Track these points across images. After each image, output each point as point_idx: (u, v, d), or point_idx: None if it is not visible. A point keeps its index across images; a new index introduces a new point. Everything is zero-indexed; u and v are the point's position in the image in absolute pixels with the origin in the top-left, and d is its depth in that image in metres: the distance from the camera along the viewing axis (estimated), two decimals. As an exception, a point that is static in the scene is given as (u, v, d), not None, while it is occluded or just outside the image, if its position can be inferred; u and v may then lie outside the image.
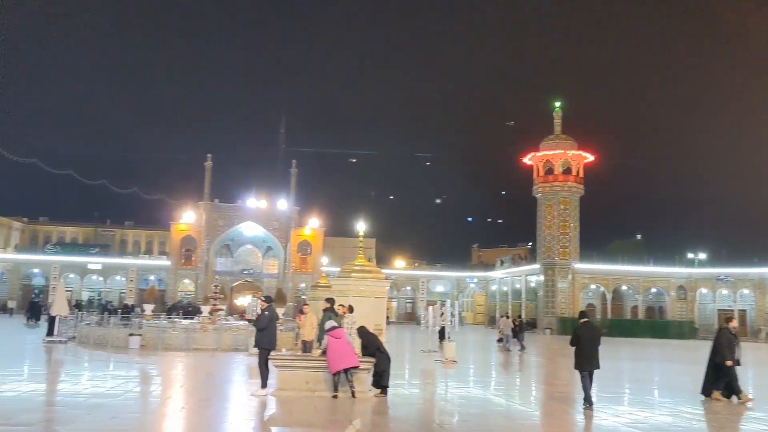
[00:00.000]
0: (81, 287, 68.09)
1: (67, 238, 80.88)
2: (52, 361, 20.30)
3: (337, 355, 13.04)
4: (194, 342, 24.46)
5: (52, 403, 12.45)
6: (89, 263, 69.09)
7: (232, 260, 72.24)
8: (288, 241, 70.71)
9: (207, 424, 10.54)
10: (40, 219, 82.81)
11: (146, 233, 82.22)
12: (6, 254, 71.01)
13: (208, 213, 69.59)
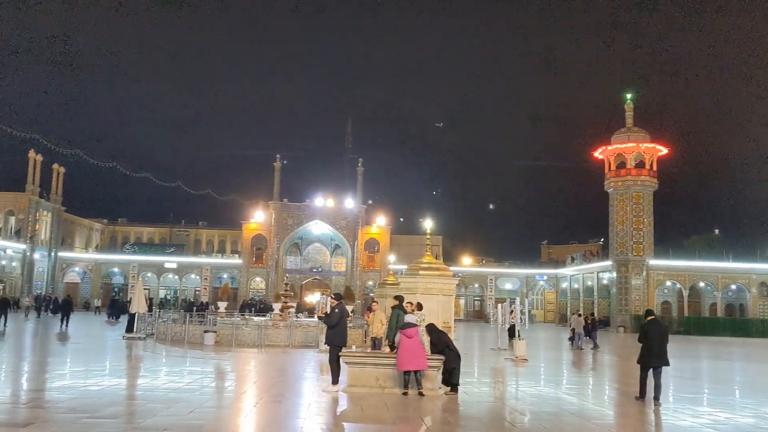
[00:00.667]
0: (158, 285, 70.51)
1: (144, 239, 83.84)
2: (132, 357, 21.09)
3: (408, 355, 13.05)
4: (266, 339, 24.97)
5: (133, 397, 12.94)
6: (165, 262, 71.52)
7: (301, 258, 73.40)
8: (355, 239, 71.30)
9: (280, 420, 10.75)
10: (119, 220, 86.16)
11: (219, 233, 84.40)
12: (88, 254, 74.25)
13: (277, 212, 70.90)
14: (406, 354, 13.05)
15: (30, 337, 28.99)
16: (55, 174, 67.65)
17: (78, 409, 10.65)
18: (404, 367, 13.05)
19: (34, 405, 11.43)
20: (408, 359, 13.02)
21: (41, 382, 14.64)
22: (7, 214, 62.31)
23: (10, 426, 9.43)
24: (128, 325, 28.17)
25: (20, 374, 16.41)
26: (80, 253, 73.90)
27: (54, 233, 67.51)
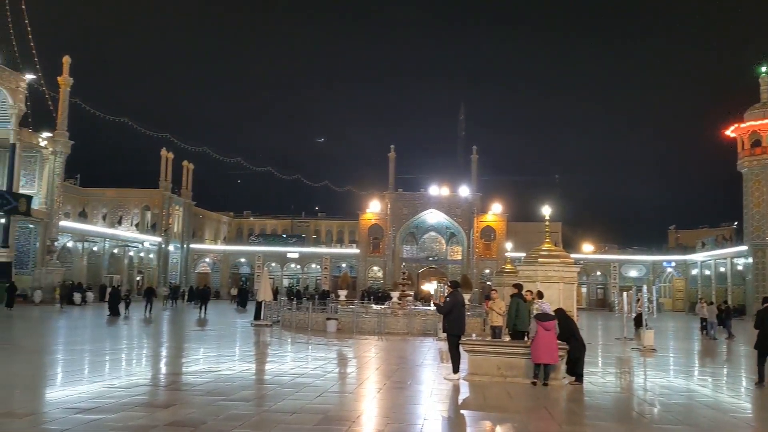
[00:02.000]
0: (281, 275, 73.25)
1: (268, 230, 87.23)
2: (260, 343, 22.05)
3: (543, 347, 12.82)
4: (386, 326, 25.37)
5: (263, 382, 13.54)
6: (288, 252, 74.18)
7: (417, 247, 73.89)
8: (471, 228, 70.87)
9: (403, 406, 10.91)
10: (244, 213, 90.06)
11: (337, 223, 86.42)
12: (217, 246, 78.26)
13: (393, 202, 71.65)
14: (542, 347, 12.83)
15: (171, 324, 30.97)
16: (185, 170, 71.69)
17: (213, 392, 11.30)
18: (540, 360, 12.85)
19: (174, 388, 12.22)
20: (544, 352, 12.81)
21: (178, 366, 15.62)
22: (144, 209, 66.72)
23: (153, 407, 10.14)
24: (256, 313, 29.49)
25: (159, 359, 17.59)
26: (209, 245, 78.03)
27: (185, 226, 71.64)
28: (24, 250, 46.80)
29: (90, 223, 59.23)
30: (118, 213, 65.11)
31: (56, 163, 48.47)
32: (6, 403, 10.36)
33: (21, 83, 44.68)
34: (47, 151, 47.97)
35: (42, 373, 14.34)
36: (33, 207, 45.39)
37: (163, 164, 66.93)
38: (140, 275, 63.75)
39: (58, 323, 29.20)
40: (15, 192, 44.07)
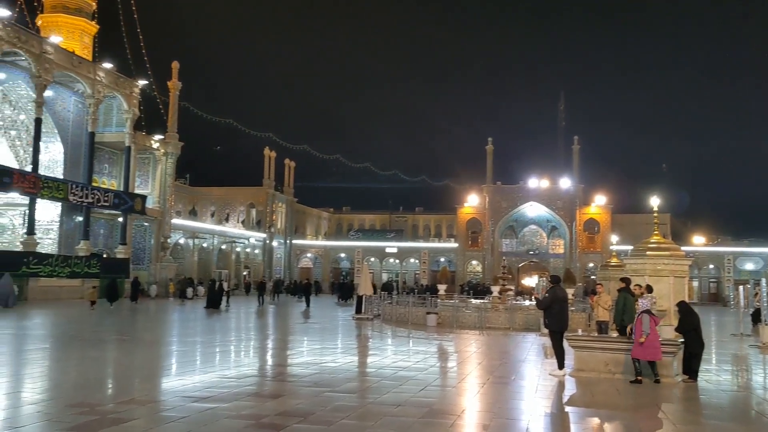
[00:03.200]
0: (381, 269, 74.04)
1: (366, 225, 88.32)
2: (362, 336, 22.40)
3: (650, 343, 12.32)
4: (487, 321, 25.15)
5: (366, 374, 13.76)
6: (387, 247, 74.89)
7: (517, 241, 72.77)
8: (573, 220, 69.07)
9: (507, 401, 10.80)
10: (344, 209, 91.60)
11: (435, 218, 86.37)
12: (318, 241, 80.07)
13: (491, 195, 70.87)
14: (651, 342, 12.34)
15: (276, 317, 31.99)
16: (287, 168, 73.73)
17: (320, 384, 11.58)
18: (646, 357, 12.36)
19: (281, 379, 12.61)
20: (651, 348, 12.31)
21: (284, 358, 16.11)
22: (249, 206, 69.14)
23: (263, 397, 10.52)
24: (357, 307, 29.97)
25: (266, 350, 18.20)
26: (311, 240, 79.92)
27: (288, 222, 73.72)
28: (140, 247, 49.56)
29: (199, 221, 61.96)
30: (225, 210, 67.75)
31: (168, 164, 50.98)
32: (129, 391, 11.03)
33: (135, 89, 47.24)
34: (159, 152, 50.53)
35: (159, 363, 15.17)
36: (147, 206, 47.96)
37: (266, 163, 69.07)
38: (247, 270, 66.14)
39: (173, 316, 30.77)
40: (131, 192, 46.72)
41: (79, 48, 49.36)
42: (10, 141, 41.90)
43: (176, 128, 51.21)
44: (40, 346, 17.33)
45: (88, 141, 43.94)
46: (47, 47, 39.12)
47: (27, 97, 40.14)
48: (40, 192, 38.14)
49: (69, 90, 43.41)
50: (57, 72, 39.90)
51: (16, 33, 37.13)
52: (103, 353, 16.21)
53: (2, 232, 42.80)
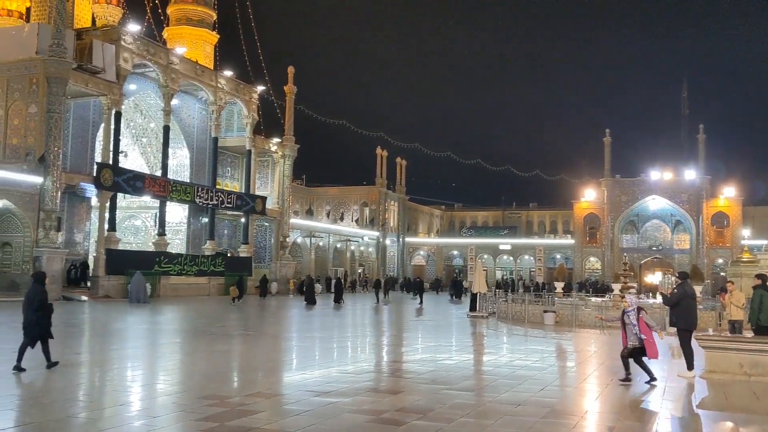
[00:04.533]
0: (494, 267, 73.22)
1: (479, 222, 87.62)
2: (477, 334, 22.23)
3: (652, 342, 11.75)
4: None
5: (483, 372, 13.64)
6: (500, 244, 73.96)
7: (638, 236, 69.84)
8: (699, 214, 65.47)
9: (632, 404, 10.38)
10: (456, 206, 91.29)
11: (550, 213, 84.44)
12: (430, 239, 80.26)
13: (609, 189, 68.40)
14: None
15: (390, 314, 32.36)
16: (399, 167, 74.37)
17: (437, 381, 11.59)
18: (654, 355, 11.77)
19: (399, 375, 12.73)
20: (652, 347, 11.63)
21: (400, 355, 16.24)
22: (362, 205, 70.35)
23: (382, 393, 10.66)
24: (471, 304, 29.77)
25: (382, 347, 18.43)
26: (423, 238, 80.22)
27: (401, 220, 74.36)
28: (261, 246, 51.60)
29: (316, 220, 63.73)
30: (340, 209, 69.30)
31: (285, 166, 52.74)
32: (254, 384, 11.51)
33: (253, 95, 49.20)
34: (277, 155, 52.37)
35: (280, 357, 15.72)
36: (267, 207, 49.85)
37: (378, 162, 70.00)
38: (361, 268, 67.34)
39: (292, 312, 31.81)
40: (252, 194, 48.73)
41: (202, 57, 52.01)
42: (142, 148, 44.76)
43: (292, 131, 52.87)
44: (172, 340, 18.40)
45: (212, 146, 46.23)
46: (173, 58, 41.46)
47: (156, 106, 42.72)
48: (169, 195, 40.53)
49: (193, 98, 45.83)
50: (182, 81, 42.22)
51: (145, 46, 39.61)
52: (230, 347, 16.98)
53: (136, 233, 45.81)
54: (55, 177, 32.61)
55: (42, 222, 32.09)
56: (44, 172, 32.27)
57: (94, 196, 37.01)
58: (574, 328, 23.52)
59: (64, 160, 34.19)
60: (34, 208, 32.07)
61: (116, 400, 9.84)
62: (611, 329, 23.23)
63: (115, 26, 41.61)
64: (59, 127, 33.02)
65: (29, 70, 33.26)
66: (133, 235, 45.33)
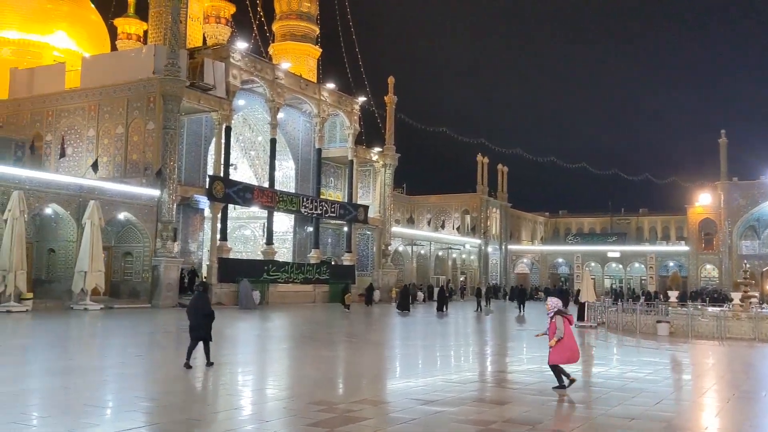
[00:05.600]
0: (602, 275, 70.83)
1: (585, 229, 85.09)
2: (585, 345, 21.52)
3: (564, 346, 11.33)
4: (727, 331, 22.94)
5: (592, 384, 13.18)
6: (608, 251, 71.48)
7: (759, 243, 65.67)
8: (830, 218, 60.76)
9: (757, 419, 9.74)
10: (560, 212, 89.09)
11: (661, 219, 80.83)
12: (534, 246, 78.66)
13: (726, 193, 64.71)
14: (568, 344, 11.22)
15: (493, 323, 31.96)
16: (500, 173, 73.43)
17: (544, 392, 11.29)
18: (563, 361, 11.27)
19: (505, 385, 12.52)
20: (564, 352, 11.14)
21: (504, 365, 15.97)
22: (463, 213, 69.93)
23: (489, 403, 10.51)
24: (578, 314, 28.90)
25: (486, 356, 18.20)
26: (526, 246, 78.71)
27: (503, 228, 73.35)
28: (364, 254, 52.29)
29: (417, 228, 63.91)
30: (441, 217, 69.18)
31: (386, 175, 53.27)
32: (360, 390, 11.64)
33: (355, 106, 50.06)
34: (378, 164, 52.98)
35: (384, 364, 15.83)
36: (369, 215, 50.49)
37: (479, 169, 69.41)
38: (463, 276, 66.89)
39: (395, 320, 32.01)
40: (354, 203, 49.51)
41: (305, 71, 53.47)
42: (250, 160, 46.45)
43: (393, 140, 53.35)
44: (280, 346, 18.93)
45: (316, 157, 47.38)
46: (279, 73, 42.86)
47: (263, 120, 44.25)
48: (276, 205, 41.85)
49: (298, 111, 47.15)
50: (288, 95, 43.54)
51: (252, 63, 41.17)
52: (335, 353, 17.28)
53: (246, 243, 47.53)
54: (171, 190, 34.39)
55: (160, 232, 33.88)
56: (161, 185, 34.10)
57: (206, 208, 38.71)
58: (690, 340, 22.35)
59: (179, 173, 35.95)
60: (152, 220, 33.93)
61: (229, 404, 10.22)
62: (730, 341, 21.96)
63: (224, 45, 43.49)
64: (174, 143, 34.82)
65: (147, 89, 35.31)
66: (243, 244, 47.07)
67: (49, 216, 31.16)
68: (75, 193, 30.64)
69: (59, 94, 38.62)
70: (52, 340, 19.13)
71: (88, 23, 53.95)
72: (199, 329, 12.93)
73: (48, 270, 32.06)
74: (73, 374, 12.32)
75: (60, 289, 30.88)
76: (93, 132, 36.95)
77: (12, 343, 18.01)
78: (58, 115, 38.39)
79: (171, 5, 35.76)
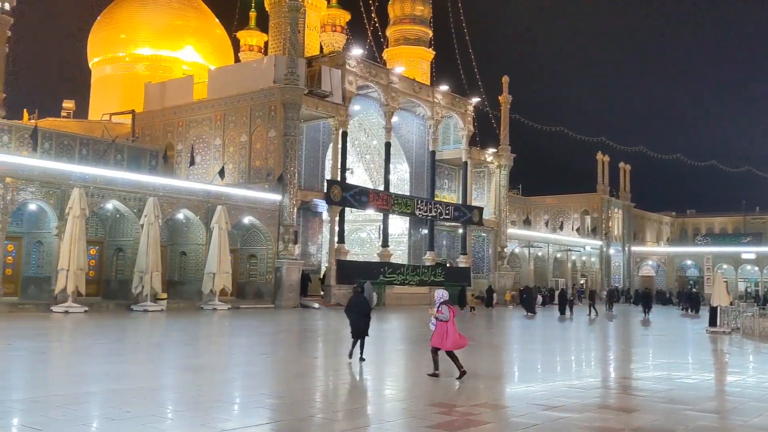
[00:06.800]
0: (736, 278, 66.51)
1: (715, 229, 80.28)
2: (718, 351, 20.28)
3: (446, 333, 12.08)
4: None
5: (726, 393, 12.41)
6: (742, 253, 67.02)
7: None
8: None
9: None
10: (688, 212, 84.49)
11: (802, 218, 74.85)
12: (659, 248, 75.00)
13: None
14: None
15: (616, 327, 30.72)
16: (622, 172, 70.59)
17: (675, 400, 10.73)
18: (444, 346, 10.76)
19: (631, 392, 11.99)
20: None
21: (629, 371, 15.30)
22: (583, 213, 67.77)
23: (615, 410, 10.09)
24: (710, 319, 27.26)
25: (609, 361, 17.51)
26: (651, 247, 75.18)
27: (625, 229, 70.43)
28: (479, 257, 51.85)
29: (533, 230, 62.59)
30: (559, 218, 67.38)
31: (501, 176, 52.56)
32: (479, 394, 11.52)
33: (469, 107, 49.77)
34: (493, 165, 52.37)
35: (503, 368, 15.59)
36: (484, 217, 50.01)
37: (599, 168, 67.09)
38: (583, 278, 64.83)
39: (513, 322, 31.49)
40: (469, 205, 49.20)
41: (419, 74, 53.78)
42: (366, 164, 47.24)
43: (508, 140, 52.57)
44: (397, 347, 19.11)
45: (430, 159, 47.50)
46: (393, 77, 43.36)
47: (378, 125, 44.91)
48: (391, 208, 42.32)
49: (411, 114, 47.47)
50: (401, 99, 43.95)
51: (367, 68, 41.90)
52: (453, 357, 17.20)
53: (362, 245, 48.37)
54: (291, 194, 35.59)
55: (281, 236, 35.15)
56: (282, 190, 35.36)
57: (325, 211, 39.74)
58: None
59: (298, 178, 37.14)
60: (274, 223, 35.25)
61: (350, 403, 10.42)
62: None
63: (340, 52, 44.56)
64: (294, 149, 36.02)
65: (268, 97, 36.76)
66: (359, 247, 47.93)
67: (181, 221, 33.06)
68: (204, 199, 32.36)
69: (188, 105, 40.97)
70: (184, 338, 20.28)
71: (213, 37, 56.92)
72: (358, 325, 13.96)
73: (180, 272, 34.03)
74: (203, 371, 12.99)
75: (191, 289, 32.69)
76: (219, 140, 38.89)
77: (149, 341, 19.25)
78: (188, 126, 40.71)
79: (290, 16, 37.05)
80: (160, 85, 44.15)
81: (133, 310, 27.94)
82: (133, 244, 30.21)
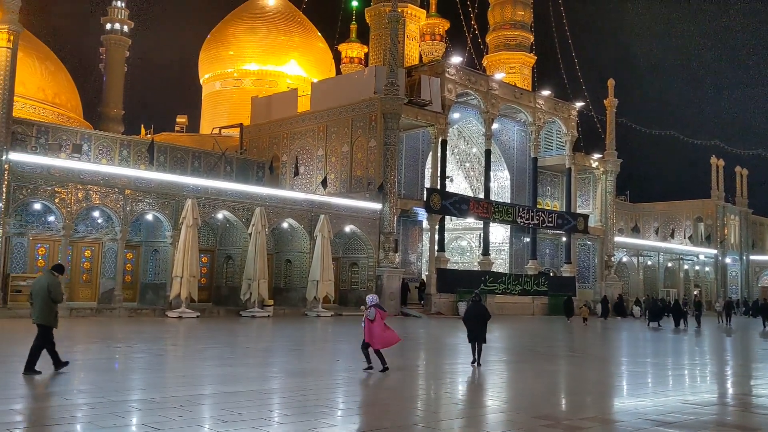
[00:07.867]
0: None
1: None
2: None
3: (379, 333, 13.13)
4: None
5: None
6: None
7: None
8: None
9: None
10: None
11: None
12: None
13: None
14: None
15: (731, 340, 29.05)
16: (738, 177, 66.75)
17: (802, 421, 10.03)
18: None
19: (751, 410, 11.29)
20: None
21: (749, 387, 14.40)
22: (696, 220, 64.54)
23: (733, 428, 9.54)
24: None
25: (726, 376, 16.54)
26: (773, 256, 70.57)
27: (743, 236, 66.48)
28: (584, 266, 50.37)
29: (642, 238, 60.21)
30: (670, 226, 64.51)
31: (607, 182, 50.92)
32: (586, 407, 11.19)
33: (572, 112, 48.59)
34: (598, 171, 50.82)
35: (610, 381, 15.06)
36: (589, 225, 48.56)
37: (713, 173, 63.79)
38: (697, 289, 61.65)
39: (621, 334, 30.36)
40: (573, 212, 47.92)
41: (520, 80, 53.05)
42: (465, 172, 47.03)
43: (614, 145, 50.91)
44: (500, 358, 18.84)
45: (532, 166, 46.69)
46: (493, 84, 43.01)
47: (477, 132, 44.64)
48: (491, 216, 41.88)
49: (512, 120, 46.88)
50: (502, 105, 43.51)
51: (467, 76, 41.78)
52: (557, 367, 16.81)
53: (462, 254, 48.12)
54: (391, 203, 35.94)
55: (382, 244, 35.54)
56: (383, 199, 35.77)
57: (424, 219, 39.86)
58: None
59: (398, 187, 37.46)
60: (375, 232, 35.70)
61: (452, 413, 10.38)
62: None
63: (439, 60, 44.66)
64: (394, 158, 36.38)
65: (369, 108, 37.34)
66: (459, 255, 47.70)
67: (286, 229, 34.08)
68: (307, 208, 33.23)
69: (292, 117, 42.26)
70: (290, 343, 20.86)
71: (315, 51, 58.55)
72: (476, 332, 14.75)
73: (285, 279, 35.06)
74: (309, 376, 13.31)
75: (296, 296, 33.62)
76: (322, 151, 39.84)
77: (257, 347, 19.92)
78: (292, 137, 41.97)
79: (390, 27, 37.53)
80: (265, 99, 45.79)
81: (241, 315, 29.05)
82: (242, 252, 31.41)
